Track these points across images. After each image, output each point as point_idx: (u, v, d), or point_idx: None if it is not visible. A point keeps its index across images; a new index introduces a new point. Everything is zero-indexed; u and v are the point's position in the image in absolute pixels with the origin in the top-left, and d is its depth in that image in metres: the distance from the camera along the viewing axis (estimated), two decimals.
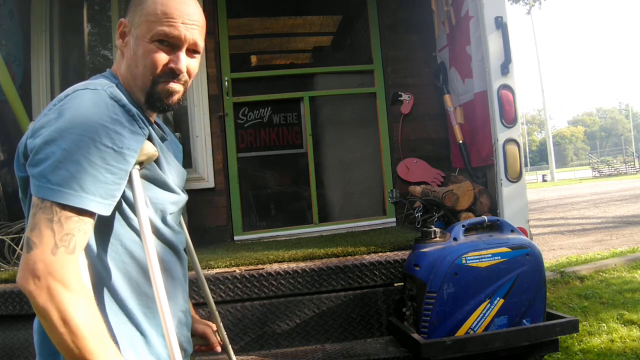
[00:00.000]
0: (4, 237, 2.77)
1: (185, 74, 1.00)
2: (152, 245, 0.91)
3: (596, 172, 33.54)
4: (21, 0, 3.55)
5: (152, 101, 1.01)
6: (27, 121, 3.10)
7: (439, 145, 3.72)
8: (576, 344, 2.96)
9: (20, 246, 2.74)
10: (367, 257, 2.50)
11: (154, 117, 1.09)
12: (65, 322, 0.76)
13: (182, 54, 0.99)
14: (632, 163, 34.83)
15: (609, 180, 24.73)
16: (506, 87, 2.75)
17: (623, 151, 42.61)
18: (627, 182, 21.07)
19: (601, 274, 4.56)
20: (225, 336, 1.31)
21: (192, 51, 1.01)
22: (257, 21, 5.00)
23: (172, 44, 0.97)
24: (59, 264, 0.78)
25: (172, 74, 0.98)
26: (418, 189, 3.35)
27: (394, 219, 3.78)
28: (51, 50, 3.64)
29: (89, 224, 0.84)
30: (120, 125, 0.87)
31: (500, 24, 2.76)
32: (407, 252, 2.44)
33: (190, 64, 1.01)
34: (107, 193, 0.85)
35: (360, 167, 4.06)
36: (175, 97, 1.02)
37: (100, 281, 0.91)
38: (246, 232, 3.69)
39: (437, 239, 2.29)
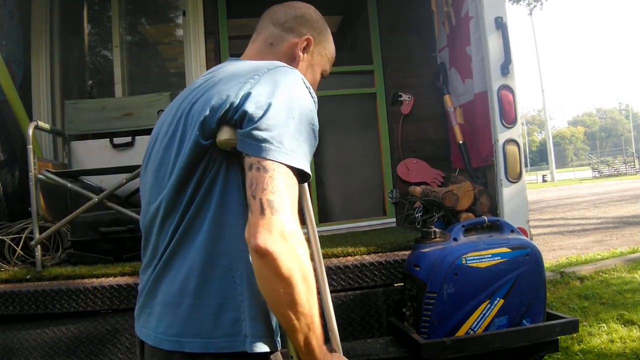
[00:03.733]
0: (4, 237, 2.77)
1: None
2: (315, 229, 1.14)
3: (596, 173, 33.56)
4: (22, 0, 3.55)
5: None
6: (27, 121, 3.09)
7: (439, 146, 3.71)
8: (576, 344, 2.96)
9: (20, 246, 2.73)
10: (367, 257, 2.50)
11: None
12: (305, 279, 0.81)
13: None
14: (632, 163, 34.82)
15: (609, 181, 24.74)
16: (506, 87, 2.75)
17: (623, 151, 42.61)
18: (627, 182, 21.08)
19: (601, 274, 4.56)
20: (334, 325, 1.23)
21: None
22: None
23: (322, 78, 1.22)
24: (297, 227, 0.82)
25: None
26: (418, 189, 3.35)
27: (394, 219, 3.77)
28: (51, 50, 3.64)
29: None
30: (314, 107, 0.95)
31: (500, 25, 2.76)
32: (407, 252, 2.43)
33: None
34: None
35: (360, 167, 4.05)
36: None
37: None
38: None
39: (437, 239, 2.29)
